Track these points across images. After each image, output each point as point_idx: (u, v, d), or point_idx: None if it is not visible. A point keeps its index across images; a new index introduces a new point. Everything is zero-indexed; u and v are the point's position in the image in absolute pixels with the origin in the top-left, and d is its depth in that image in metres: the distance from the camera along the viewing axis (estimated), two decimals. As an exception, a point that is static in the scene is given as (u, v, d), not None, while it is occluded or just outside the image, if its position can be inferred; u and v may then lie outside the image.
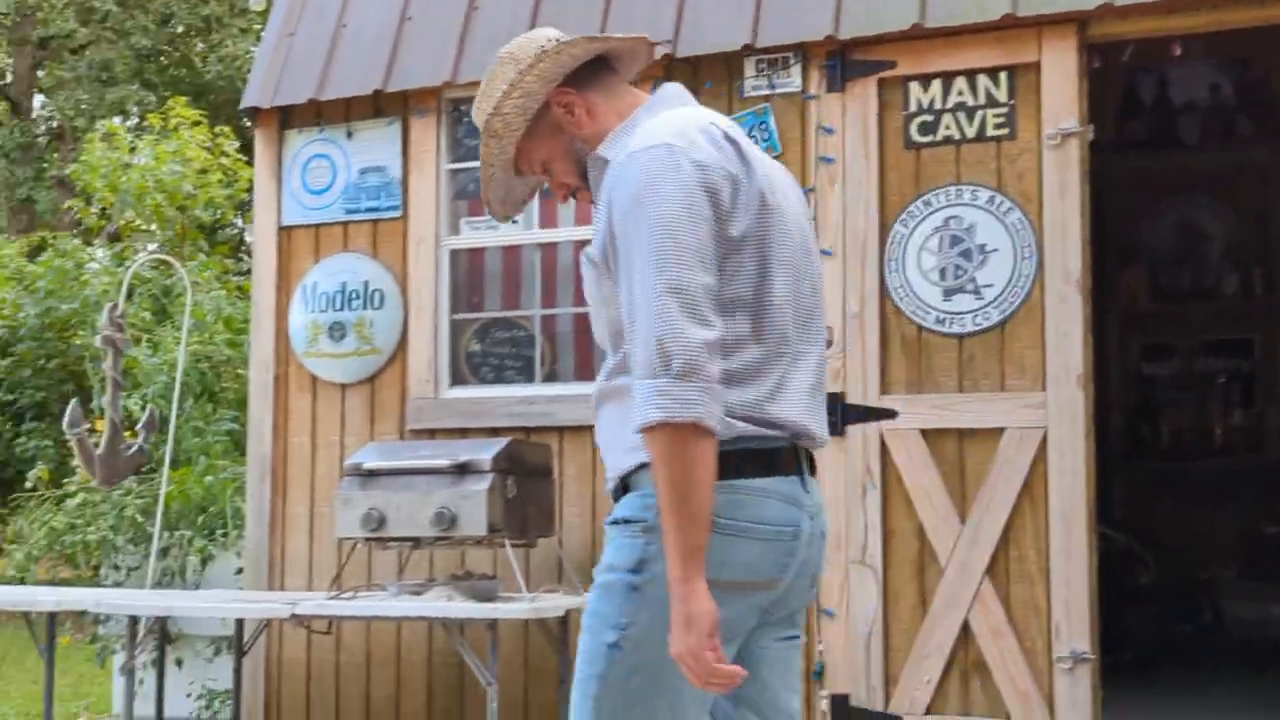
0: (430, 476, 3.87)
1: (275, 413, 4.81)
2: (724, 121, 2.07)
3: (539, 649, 4.25)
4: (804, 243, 2.12)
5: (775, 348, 2.02)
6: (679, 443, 1.85)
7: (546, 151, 2.20)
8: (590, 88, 2.17)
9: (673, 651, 1.86)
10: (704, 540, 1.86)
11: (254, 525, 4.84)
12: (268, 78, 4.75)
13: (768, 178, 2.05)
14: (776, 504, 1.98)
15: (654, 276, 1.89)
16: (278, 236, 4.83)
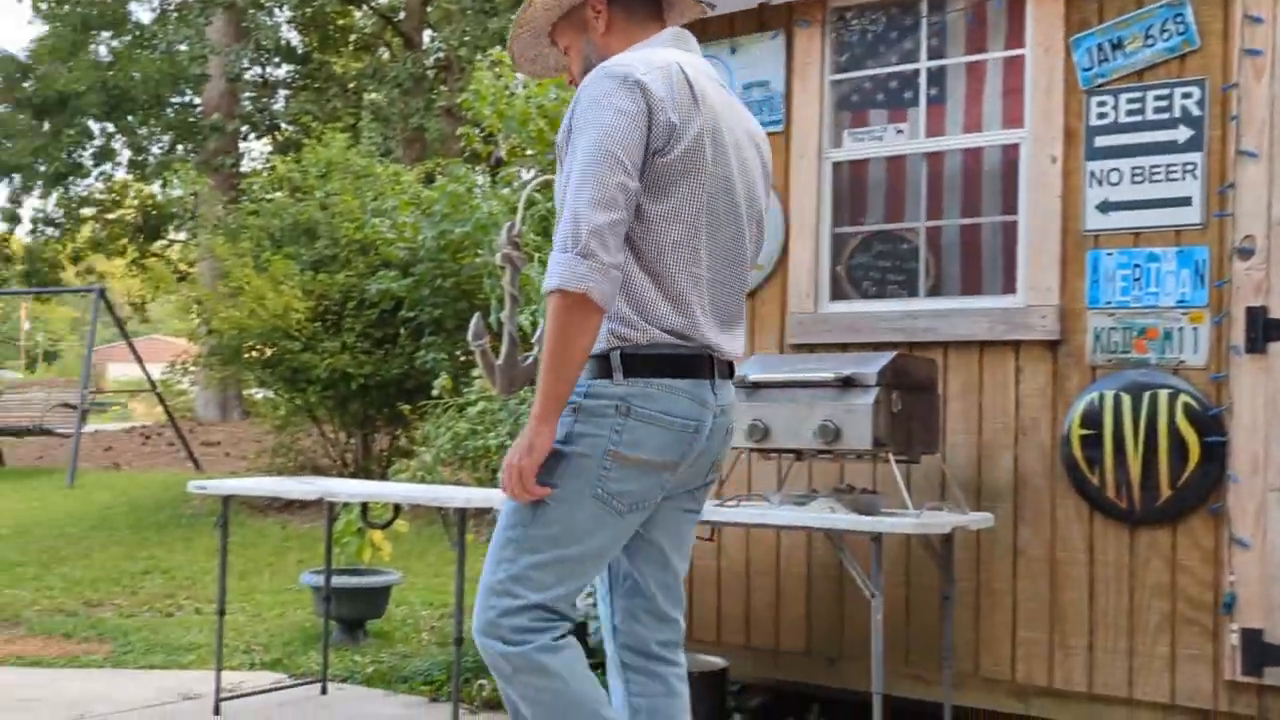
0: (814, 390, 3.88)
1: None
2: (696, 67, 2.43)
3: (920, 565, 4.21)
4: (743, 182, 2.49)
5: (691, 271, 2.40)
6: (568, 309, 2.25)
7: (569, 40, 2.60)
8: (620, 9, 2.55)
9: (508, 461, 2.33)
10: (565, 393, 2.32)
11: (639, 434, 5.02)
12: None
13: (715, 121, 2.41)
14: (685, 401, 2.41)
15: (583, 171, 2.27)
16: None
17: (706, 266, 2.43)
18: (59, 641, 6.24)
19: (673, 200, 2.36)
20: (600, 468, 2.37)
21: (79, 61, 19.89)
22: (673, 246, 2.38)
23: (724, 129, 2.44)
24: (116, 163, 21.58)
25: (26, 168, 19.56)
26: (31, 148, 19.26)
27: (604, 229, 2.25)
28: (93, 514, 11.23)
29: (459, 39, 15.99)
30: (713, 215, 2.42)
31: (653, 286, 2.38)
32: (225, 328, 10.50)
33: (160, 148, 20.87)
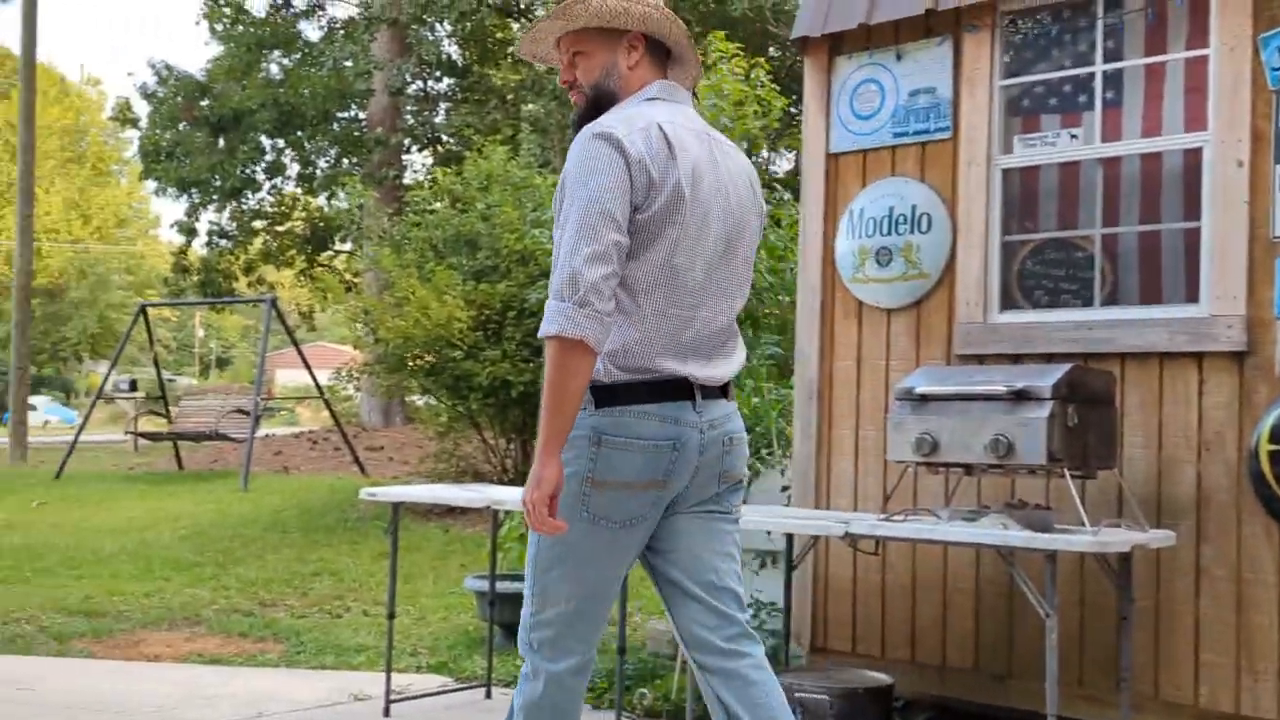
0: (985, 403, 3.79)
1: (822, 337, 4.91)
2: (676, 121, 2.63)
3: (1095, 584, 4.07)
4: (726, 222, 2.67)
5: (670, 310, 2.60)
6: (565, 353, 2.47)
7: (591, 50, 2.76)
8: (650, 51, 2.77)
9: (522, 499, 2.52)
10: (564, 429, 2.51)
11: (801, 445, 4.99)
12: (817, 7, 4.79)
13: (694, 170, 2.60)
14: (654, 423, 2.59)
15: (579, 228, 2.49)
16: (825, 164, 4.89)
17: (687, 306, 2.63)
18: (236, 640, 6.48)
19: (654, 249, 2.58)
20: (582, 492, 2.60)
21: (252, 80, 20.71)
22: (651, 290, 2.59)
23: (704, 173, 2.65)
24: (286, 177, 22.38)
25: (204, 183, 20.44)
26: (208, 164, 20.12)
27: (599, 281, 2.47)
28: (265, 517, 11.65)
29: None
30: (691, 253, 2.62)
31: (632, 326, 2.59)
32: (391, 337, 10.77)
33: (327, 162, 21.58)
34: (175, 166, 20.42)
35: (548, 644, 2.70)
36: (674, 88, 2.79)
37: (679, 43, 2.82)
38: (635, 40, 2.75)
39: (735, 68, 9.35)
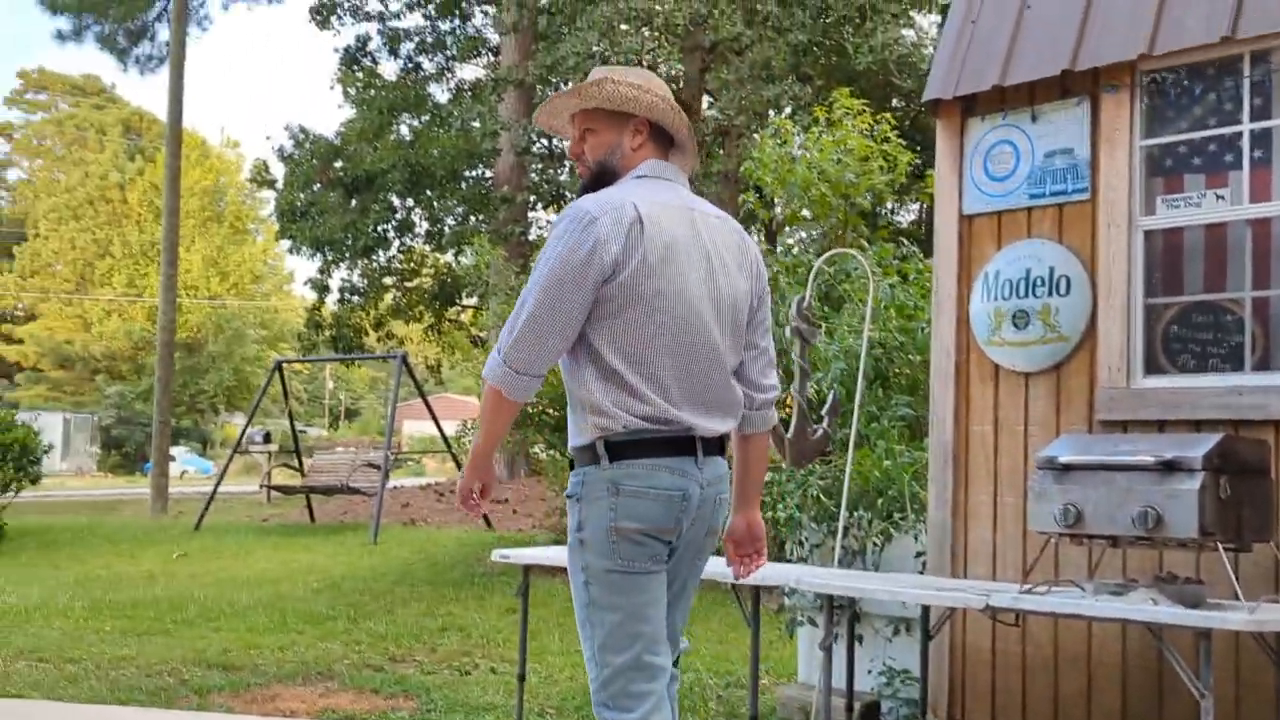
0: (1132, 473, 3.67)
1: (956, 400, 4.83)
2: (655, 200, 2.84)
3: (1252, 662, 3.90)
4: (708, 289, 2.87)
5: (658, 370, 2.80)
6: (490, 396, 2.84)
7: (600, 129, 3.01)
8: (654, 135, 3.02)
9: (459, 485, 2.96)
10: (490, 450, 2.92)
11: (936, 511, 4.89)
12: (950, 68, 4.76)
13: (669, 242, 2.81)
14: (666, 474, 2.80)
15: (532, 292, 2.78)
16: (959, 225, 4.82)
17: (671, 365, 2.81)
18: (369, 696, 6.56)
19: (628, 316, 2.78)
20: (609, 542, 2.80)
21: (384, 142, 21.29)
22: (633, 352, 2.79)
23: (682, 246, 2.85)
24: (415, 234, 22.90)
25: (337, 242, 21.01)
26: (342, 223, 20.69)
27: (525, 347, 2.77)
28: (394, 570, 11.81)
29: (736, 106, 16.20)
30: (669, 321, 2.81)
31: (619, 386, 2.79)
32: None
33: (455, 219, 22.03)
34: (310, 226, 21.05)
35: (620, 697, 2.82)
36: (664, 166, 3.01)
37: (680, 132, 3.07)
38: (641, 125, 3.00)
39: (860, 124, 9.33)
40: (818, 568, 5.48)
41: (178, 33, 20.73)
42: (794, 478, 5.96)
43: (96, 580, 11.13)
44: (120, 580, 11.19)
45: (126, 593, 10.20)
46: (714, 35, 15.99)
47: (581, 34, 16.11)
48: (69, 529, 16.17)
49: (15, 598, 9.80)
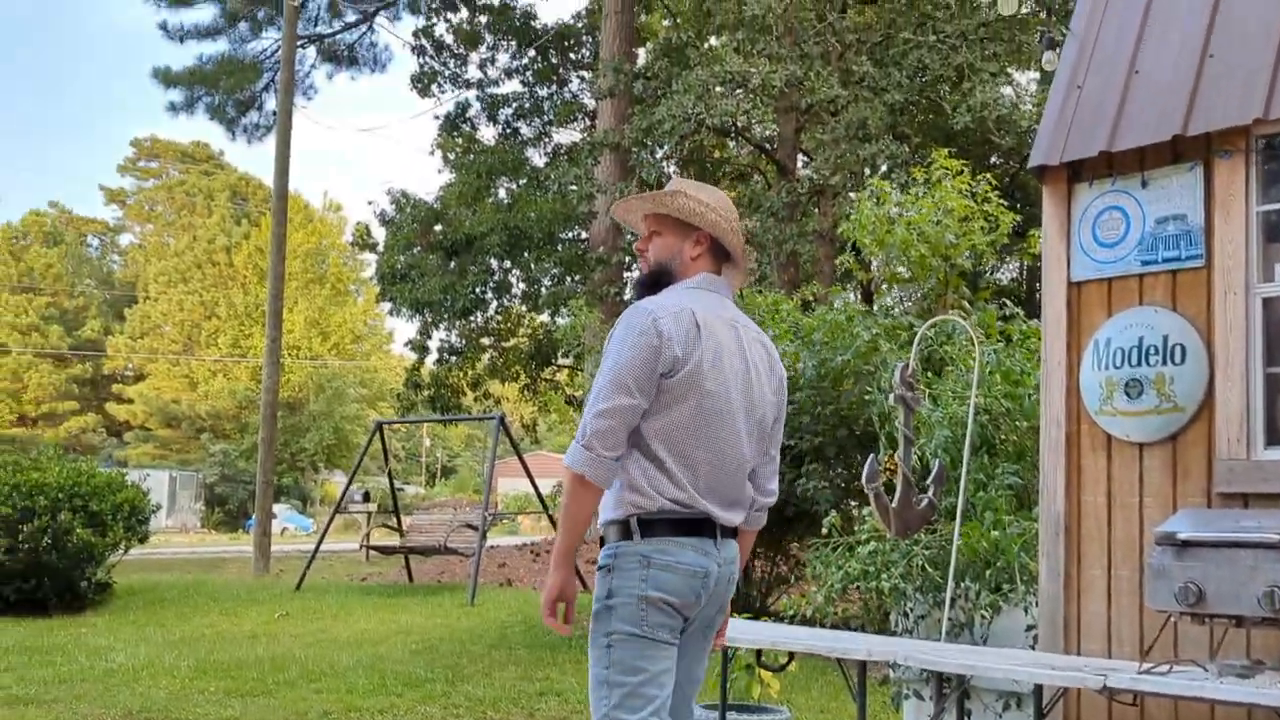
0: (1257, 550, 3.55)
1: (1068, 471, 4.71)
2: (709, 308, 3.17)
3: (1388, 750, 3.71)
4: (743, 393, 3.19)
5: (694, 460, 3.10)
6: (574, 484, 3.05)
7: (666, 233, 3.33)
8: (708, 253, 3.32)
9: (542, 604, 3.09)
10: (573, 546, 3.08)
11: (1047, 584, 4.77)
12: (1055, 134, 4.70)
13: (716, 348, 3.13)
14: (691, 552, 3.09)
15: (600, 386, 3.07)
16: (1067, 292, 4.74)
17: (705, 459, 3.12)
18: (468, 763, 6.55)
19: (676, 409, 3.08)
20: (639, 610, 3.05)
21: (482, 205, 21.62)
22: (676, 442, 3.09)
23: (727, 354, 3.17)
24: (512, 295, 23.17)
25: (436, 303, 21.33)
26: (440, 285, 21.01)
27: (604, 432, 3.02)
28: (491, 632, 11.83)
29: (832, 165, 16.18)
30: (710, 419, 3.11)
31: (659, 469, 3.08)
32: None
33: (551, 280, 22.25)
34: (410, 288, 21.40)
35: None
36: (716, 280, 3.34)
37: (736, 250, 3.38)
38: (702, 238, 3.31)
39: (960, 184, 9.26)
40: (924, 641, 5.36)
41: (284, 103, 21.35)
42: (898, 548, 5.86)
43: (201, 639, 11.32)
44: (224, 639, 11.36)
45: (230, 652, 10.35)
46: (810, 97, 16.02)
47: (678, 97, 16.26)
48: (175, 587, 16.48)
49: (124, 656, 10.00)
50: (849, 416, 9.94)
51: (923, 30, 15.43)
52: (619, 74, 19.22)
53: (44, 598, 13.11)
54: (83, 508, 13.05)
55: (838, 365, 9.54)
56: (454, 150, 23.58)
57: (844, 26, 16.13)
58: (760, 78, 15.18)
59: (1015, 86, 17.07)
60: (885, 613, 5.96)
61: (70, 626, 12.10)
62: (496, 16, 24.32)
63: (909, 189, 9.52)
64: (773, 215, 17.63)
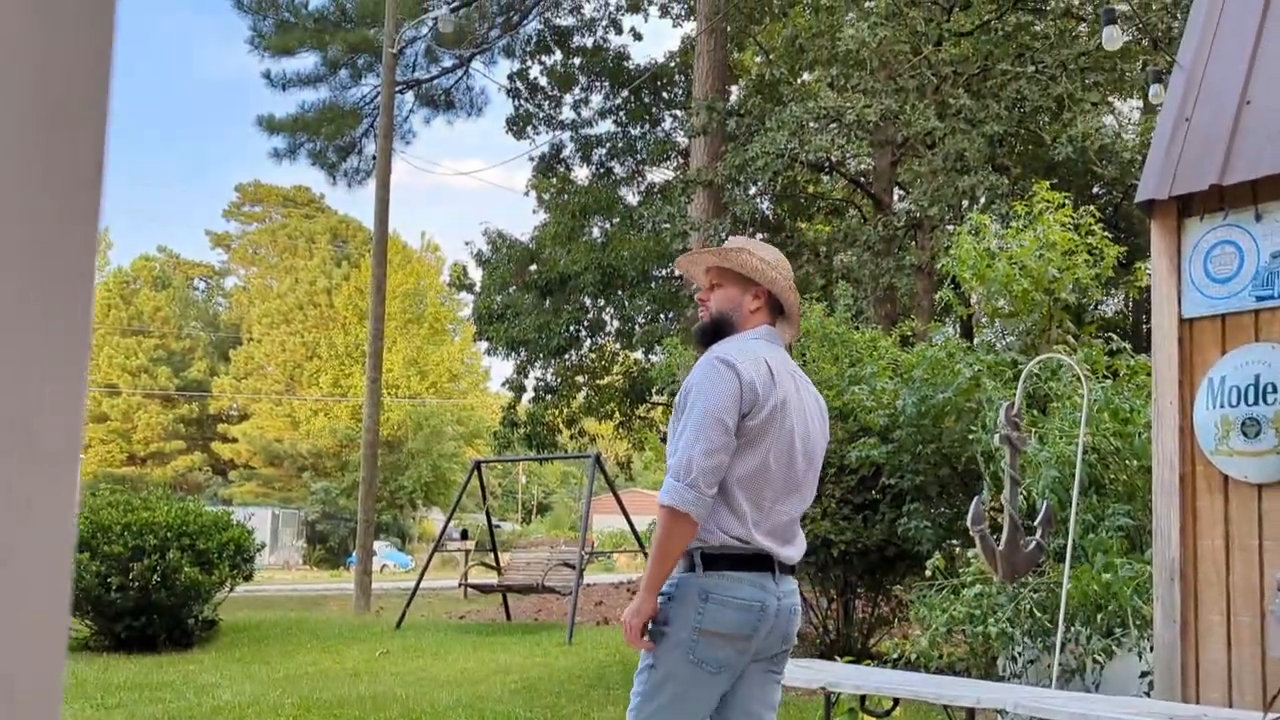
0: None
1: (1182, 513, 4.57)
2: (775, 359, 3.39)
3: None
4: (803, 438, 3.39)
5: (760, 499, 3.29)
6: (673, 520, 3.19)
7: (728, 286, 3.55)
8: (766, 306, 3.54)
9: (623, 620, 3.26)
10: (665, 575, 3.23)
11: (1163, 630, 4.62)
12: (1164, 168, 4.59)
13: (784, 395, 3.33)
14: (748, 587, 3.25)
15: (697, 426, 3.22)
16: (1178, 329, 4.61)
17: (769, 497, 3.31)
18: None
19: (750, 449, 3.27)
20: (691, 640, 3.24)
21: (576, 245, 21.81)
22: (743, 480, 3.27)
23: (791, 401, 3.38)
24: (606, 333, 23.29)
25: (531, 342, 21.54)
26: (536, 324, 21.22)
27: (709, 470, 3.19)
28: (590, 672, 11.80)
29: (930, 198, 16.01)
30: (778, 459, 3.32)
31: (726, 506, 3.26)
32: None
33: (645, 318, 22.33)
34: (505, 327, 21.63)
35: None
36: (773, 333, 3.56)
37: (792, 307, 3.62)
38: (760, 293, 3.54)
39: (1062, 216, 9.10)
40: (1034, 687, 5.22)
41: (383, 147, 21.77)
42: (1005, 591, 5.73)
43: (305, 677, 11.46)
44: (327, 677, 11.49)
45: (333, 690, 10.46)
46: (906, 130, 15.90)
47: (771, 134, 16.25)
48: (278, 624, 16.74)
49: (230, 693, 10.16)
50: (951, 455, 9.79)
51: (1021, 61, 15.24)
52: (712, 112, 19.29)
53: (153, 635, 13.40)
54: (190, 546, 13.32)
55: (939, 403, 9.40)
56: (548, 190, 23.83)
57: (940, 59, 16.00)
58: (855, 113, 15.10)
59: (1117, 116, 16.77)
60: (992, 657, 5.82)
61: (178, 663, 12.34)
62: (590, 58, 24.61)
63: (1009, 222, 9.36)
64: (869, 249, 17.50)
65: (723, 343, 3.46)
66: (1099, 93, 14.57)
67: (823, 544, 10.36)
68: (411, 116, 27.21)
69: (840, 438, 10.66)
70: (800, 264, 19.93)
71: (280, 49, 25.88)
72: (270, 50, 25.96)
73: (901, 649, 6.65)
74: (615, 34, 24.60)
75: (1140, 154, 13.12)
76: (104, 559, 12.79)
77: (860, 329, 12.63)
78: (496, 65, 49.31)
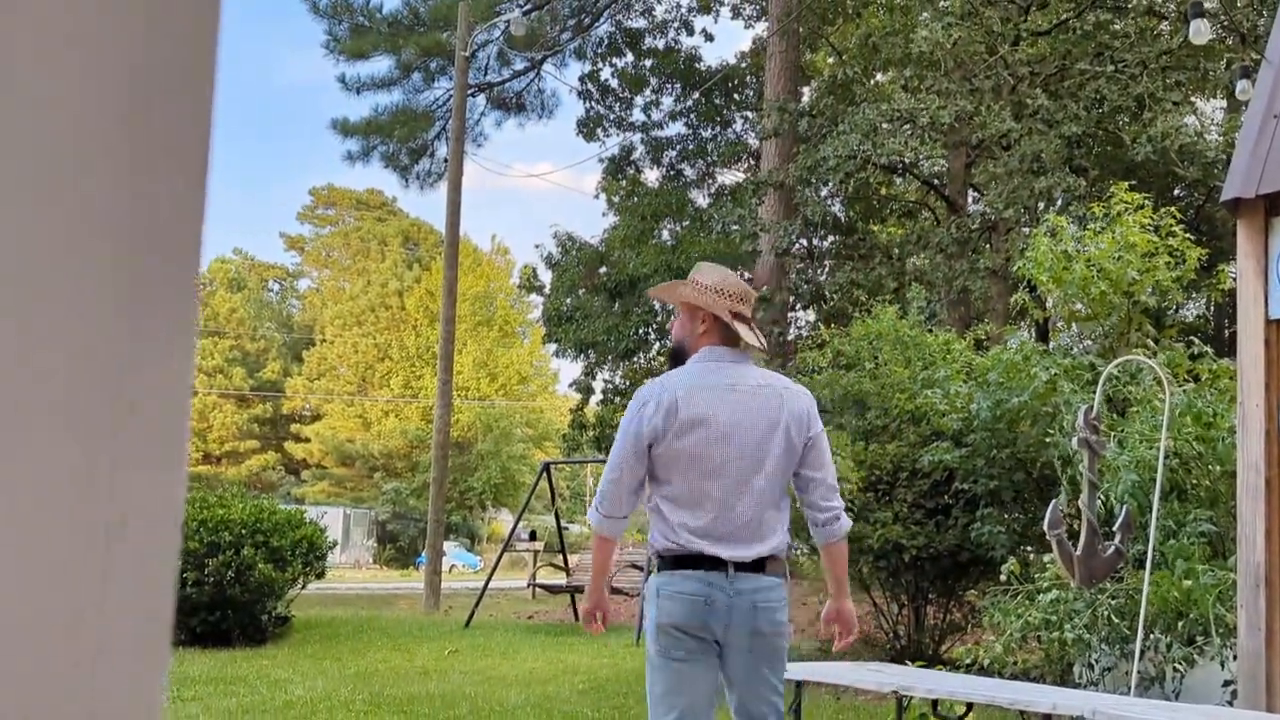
0: None
1: (1268, 518, 4.46)
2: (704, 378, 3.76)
3: None
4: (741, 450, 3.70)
5: (699, 508, 3.67)
6: (595, 538, 3.92)
7: (682, 315, 4.00)
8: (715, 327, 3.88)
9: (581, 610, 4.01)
10: (596, 582, 4.05)
11: (1246, 638, 4.50)
12: (1251, 166, 4.48)
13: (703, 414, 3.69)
14: (691, 582, 3.62)
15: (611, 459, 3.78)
16: (1265, 331, 4.50)
17: (709, 506, 3.65)
18: (638, 808, 6.50)
19: (673, 470, 3.68)
20: (655, 634, 3.69)
21: (646, 247, 21.82)
22: (674, 497, 3.68)
23: (718, 418, 3.69)
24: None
25: (600, 344, 21.58)
26: (605, 327, 21.25)
27: (605, 494, 3.77)
28: (658, 674, 11.77)
29: (1005, 200, 15.80)
30: (713, 477, 3.66)
31: (662, 519, 3.69)
32: (779, 497, 10.77)
33: (707, 321, 22.27)
34: (574, 329, 21.69)
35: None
36: (723, 352, 3.87)
37: (736, 323, 3.85)
38: (705, 316, 3.89)
39: (1141, 218, 8.93)
40: (1112, 695, 5.12)
41: (455, 150, 21.94)
42: (1082, 597, 5.62)
43: (375, 674, 11.56)
44: (397, 675, 11.58)
45: (403, 688, 10.54)
46: (981, 132, 15.71)
47: (844, 136, 16.14)
48: (349, 623, 16.91)
49: (302, 689, 10.27)
50: (1026, 459, 9.65)
51: (1100, 60, 14.99)
52: (783, 113, 19.21)
53: (227, 630, 13.59)
54: (264, 543, 13.50)
55: (1014, 407, 9.27)
56: (618, 193, 23.88)
57: (1016, 59, 15.78)
58: (929, 114, 14.95)
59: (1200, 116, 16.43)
60: (1068, 664, 5.72)
61: (251, 658, 12.50)
62: (661, 60, 24.61)
63: (1087, 224, 9.20)
64: (941, 252, 17.32)
65: (667, 373, 3.93)
66: (1181, 92, 14.28)
67: (894, 549, 10.26)
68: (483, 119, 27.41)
69: (913, 441, 10.55)
70: (872, 266, 19.79)
71: (354, 53, 26.20)
72: (345, 54, 26.29)
73: (974, 655, 6.56)
74: (687, 35, 24.61)
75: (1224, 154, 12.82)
76: (180, 554, 12.99)
77: (933, 332, 12.50)
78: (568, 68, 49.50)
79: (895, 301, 14.88)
